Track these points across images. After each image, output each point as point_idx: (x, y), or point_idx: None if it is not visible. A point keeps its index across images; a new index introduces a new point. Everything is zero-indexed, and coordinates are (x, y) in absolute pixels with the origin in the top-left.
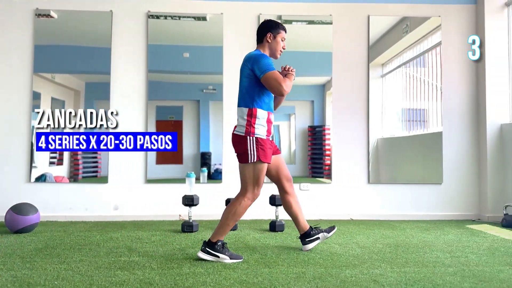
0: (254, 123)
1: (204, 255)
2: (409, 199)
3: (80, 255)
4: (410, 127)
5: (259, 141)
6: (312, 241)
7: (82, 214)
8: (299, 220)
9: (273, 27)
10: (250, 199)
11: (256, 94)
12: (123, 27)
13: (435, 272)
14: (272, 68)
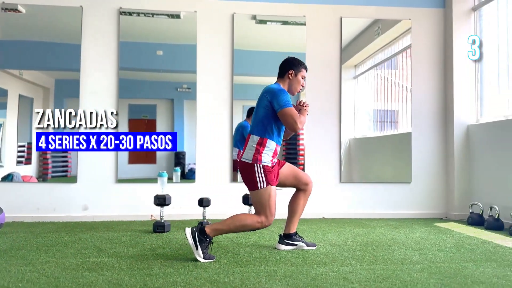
0: (262, 151)
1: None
2: (379, 198)
3: (46, 257)
4: (382, 127)
5: (266, 168)
6: (290, 244)
7: (50, 215)
8: (293, 219)
9: (296, 65)
10: (262, 222)
11: (270, 126)
12: (93, 23)
13: (403, 269)
14: (290, 104)
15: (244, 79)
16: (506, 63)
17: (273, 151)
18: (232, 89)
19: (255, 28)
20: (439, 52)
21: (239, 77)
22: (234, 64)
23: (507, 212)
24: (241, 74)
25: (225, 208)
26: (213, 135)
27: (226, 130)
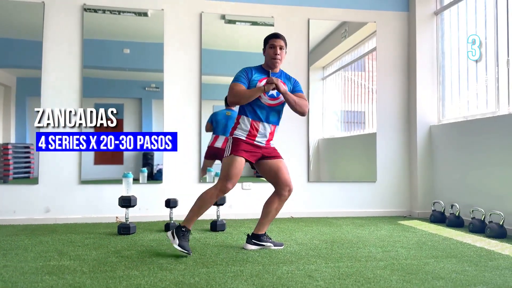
0: (236, 126)
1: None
2: (346, 197)
3: (4, 261)
4: (349, 128)
5: (234, 139)
6: (257, 245)
7: (10, 217)
8: (264, 221)
9: (265, 40)
10: (218, 188)
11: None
12: (56, 20)
13: (367, 266)
14: (236, 80)
15: (212, 78)
16: (465, 65)
17: (249, 126)
18: (200, 89)
19: (224, 28)
20: (403, 54)
21: (208, 76)
22: (203, 63)
23: (467, 209)
24: (210, 73)
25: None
26: (181, 135)
27: (194, 130)
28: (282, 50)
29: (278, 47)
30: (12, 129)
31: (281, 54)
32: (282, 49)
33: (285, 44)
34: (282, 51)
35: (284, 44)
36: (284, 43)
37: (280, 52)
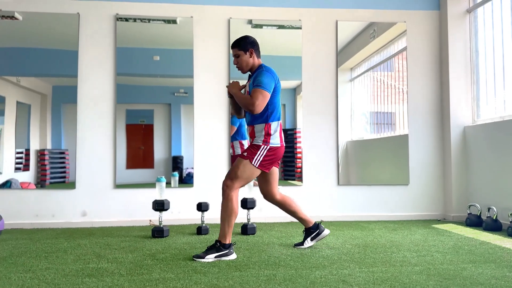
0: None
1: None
2: (377, 200)
3: (46, 263)
4: (379, 129)
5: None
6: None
7: (49, 221)
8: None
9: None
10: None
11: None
12: (90, 30)
13: (402, 271)
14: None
15: (241, 83)
16: (501, 64)
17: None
18: None
19: (251, 33)
20: (434, 53)
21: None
22: (231, 68)
23: (505, 213)
24: (239, 78)
25: None
26: (210, 139)
27: (223, 134)
28: (239, 57)
29: (234, 57)
30: (48, 135)
31: (239, 61)
32: (238, 57)
33: (241, 46)
34: (240, 58)
35: (239, 49)
36: (239, 48)
37: (237, 61)
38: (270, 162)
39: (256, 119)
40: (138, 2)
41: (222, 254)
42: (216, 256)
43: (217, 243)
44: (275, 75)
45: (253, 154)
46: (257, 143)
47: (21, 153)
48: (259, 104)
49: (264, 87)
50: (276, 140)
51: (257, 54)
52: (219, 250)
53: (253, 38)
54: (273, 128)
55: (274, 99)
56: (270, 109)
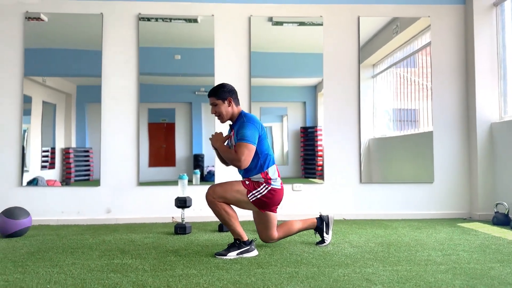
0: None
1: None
2: (400, 198)
3: (72, 258)
4: (402, 127)
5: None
6: None
7: (75, 218)
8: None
9: None
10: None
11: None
12: (113, 30)
13: (427, 270)
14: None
15: (261, 81)
16: None
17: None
18: (249, 91)
19: (271, 30)
20: (460, 49)
21: (256, 79)
22: (251, 66)
23: None
24: (258, 76)
25: (243, 210)
26: None
27: None
28: (216, 106)
29: (212, 106)
30: (73, 134)
31: (217, 110)
32: (216, 105)
33: (218, 95)
34: (217, 107)
35: (217, 98)
36: (217, 98)
37: (214, 110)
38: (266, 204)
39: (250, 172)
40: (160, 1)
41: (244, 251)
42: (238, 253)
43: (236, 241)
44: (257, 123)
45: (253, 189)
46: (259, 180)
47: (47, 151)
48: (245, 159)
49: (248, 140)
50: (277, 182)
51: (235, 102)
52: (240, 247)
53: (231, 86)
54: (271, 173)
55: (263, 147)
56: (262, 159)
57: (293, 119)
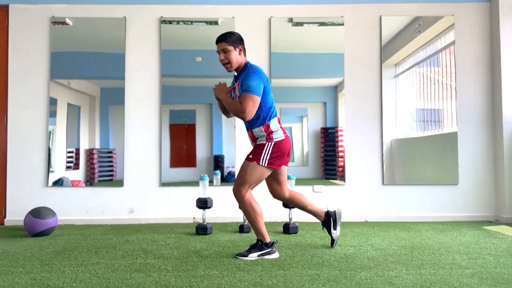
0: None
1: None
2: (424, 201)
3: (97, 258)
4: (425, 127)
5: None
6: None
7: (99, 218)
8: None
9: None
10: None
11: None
12: (136, 33)
13: (452, 274)
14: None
15: (281, 81)
16: None
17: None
18: None
19: (291, 31)
20: (485, 48)
21: (276, 79)
22: (272, 66)
23: None
24: (278, 76)
25: (266, 210)
26: None
27: None
28: (227, 52)
29: (221, 52)
30: (96, 135)
31: (227, 57)
32: (226, 52)
33: (230, 41)
34: (228, 53)
35: (228, 43)
36: (228, 43)
37: (224, 56)
38: (278, 158)
39: (253, 123)
40: (182, 4)
41: (265, 253)
42: (259, 254)
43: (258, 242)
44: (263, 75)
45: (259, 155)
46: (261, 142)
47: (72, 152)
48: (250, 110)
49: (253, 91)
50: (279, 134)
51: (244, 52)
52: (261, 248)
53: (240, 34)
54: (273, 125)
55: (267, 100)
56: (265, 111)
57: (313, 120)
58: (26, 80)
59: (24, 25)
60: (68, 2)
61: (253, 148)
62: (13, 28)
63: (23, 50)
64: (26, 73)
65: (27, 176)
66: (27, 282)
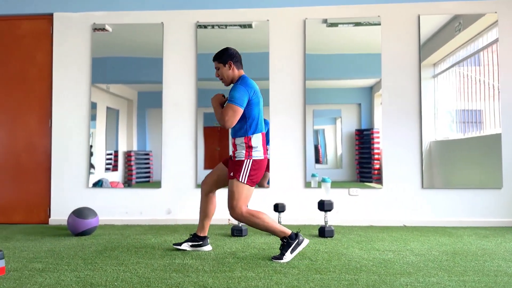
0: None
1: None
2: (465, 205)
3: (137, 257)
4: (465, 129)
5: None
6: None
7: (137, 218)
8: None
9: None
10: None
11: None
12: (173, 38)
13: (497, 281)
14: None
15: (315, 83)
16: None
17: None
18: (304, 94)
19: (326, 32)
20: None
21: (311, 81)
22: (306, 68)
23: None
24: (313, 78)
25: (299, 213)
26: (286, 141)
27: (299, 135)
28: (219, 69)
29: (216, 70)
30: (134, 138)
31: (220, 73)
32: (218, 69)
33: (220, 59)
34: (220, 70)
35: (218, 61)
36: (218, 61)
37: (217, 73)
38: (256, 175)
39: (236, 132)
40: (217, 9)
41: (295, 246)
42: (291, 250)
43: (283, 240)
44: (250, 88)
45: (238, 172)
46: (240, 158)
47: (111, 154)
48: (229, 119)
49: (235, 101)
50: (259, 153)
51: (236, 66)
52: (289, 244)
53: (234, 50)
54: (254, 141)
55: (252, 112)
56: (248, 122)
57: (347, 121)
58: (69, 85)
59: (67, 33)
60: (108, 9)
61: (232, 164)
62: (57, 36)
63: (66, 57)
64: (69, 78)
65: (70, 178)
66: (72, 280)
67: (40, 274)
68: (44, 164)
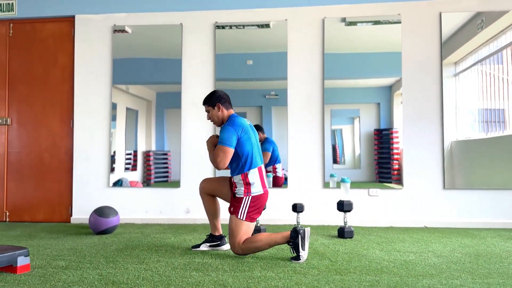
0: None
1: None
2: (488, 206)
3: (157, 256)
4: (487, 128)
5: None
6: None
7: (157, 217)
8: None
9: None
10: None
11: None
12: (192, 39)
13: None
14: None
15: (333, 82)
16: None
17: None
18: (323, 94)
19: (344, 31)
20: None
21: (329, 81)
22: (325, 67)
23: None
24: (331, 77)
25: (318, 214)
26: (304, 141)
27: (317, 135)
28: (209, 112)
29: (207, 112)
30: (152, 138)
31: (210, 115)
32: (209, 112)
33: (209, 102)
34: (210, 113)
35: (207, 105)
36: (208, 104)
37: (209, 116)
38: (256, 211)
39: (233, 171)
40: (236, 9)
41: (301, 240)
42: (302, 247)
43: (289, 243)
44: (237, 127)
45: (238, 208)
46: (239, 195)
47: (130, 154)
48: (221, 160)
49: (224, 143)
50: (257, 188)
51: (225, 106)
52: (296, 244)
53: (221, 92)
54: (251, 177)
55: (244, 149)
56: (243, 160)
57: (366, 121)
58: (90, 86)
59: (88, 34)
60: (128, 11)
61: (233, 201)
62: (78, 37)
63: (88, 58)
64: (90, 79)
65: (91, 177)
66: (94, 278)
67: (64, 271)
68: (66, 164)
